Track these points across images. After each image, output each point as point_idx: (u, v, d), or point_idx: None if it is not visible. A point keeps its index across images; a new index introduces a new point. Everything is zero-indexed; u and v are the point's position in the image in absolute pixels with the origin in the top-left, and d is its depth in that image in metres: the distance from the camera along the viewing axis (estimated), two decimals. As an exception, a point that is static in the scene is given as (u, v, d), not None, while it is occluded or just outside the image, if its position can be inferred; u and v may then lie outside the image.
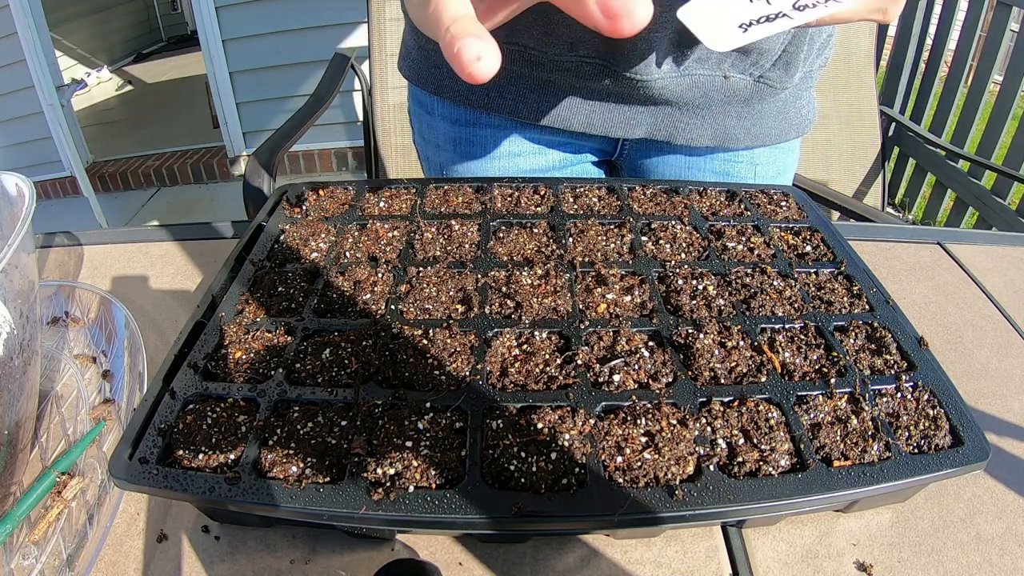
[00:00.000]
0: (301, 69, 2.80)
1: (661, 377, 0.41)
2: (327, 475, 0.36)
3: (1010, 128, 2.02)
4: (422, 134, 0.84)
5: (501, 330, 0.44)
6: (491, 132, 0.76)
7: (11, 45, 2.79)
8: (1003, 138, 2.04)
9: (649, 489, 0.35)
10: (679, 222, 0.57)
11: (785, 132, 0.75)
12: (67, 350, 0.54)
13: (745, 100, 0.69)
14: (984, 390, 0.50)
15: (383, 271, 0.50)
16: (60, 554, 0.38)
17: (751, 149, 0.76)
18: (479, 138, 0.76)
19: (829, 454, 0.37)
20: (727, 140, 0.72)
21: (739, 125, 0.72)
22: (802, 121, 0.76)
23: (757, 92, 0.68)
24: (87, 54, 4.20)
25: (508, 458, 0.36)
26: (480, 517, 0.33)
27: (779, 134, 0.75)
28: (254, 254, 0.53)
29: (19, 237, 0.40)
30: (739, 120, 0.71)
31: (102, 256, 0.67)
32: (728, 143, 0.73)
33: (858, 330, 0.45)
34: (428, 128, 0.81)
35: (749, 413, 0.39)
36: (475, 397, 0.39)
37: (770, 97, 0.70)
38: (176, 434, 0.38)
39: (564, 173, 0.79)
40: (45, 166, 3.15)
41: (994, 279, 0.63)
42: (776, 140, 0.75)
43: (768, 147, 0.76)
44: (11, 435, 0.41)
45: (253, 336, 0.45)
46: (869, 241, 0.69)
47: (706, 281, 0.49)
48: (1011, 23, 1.96)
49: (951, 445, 0.38)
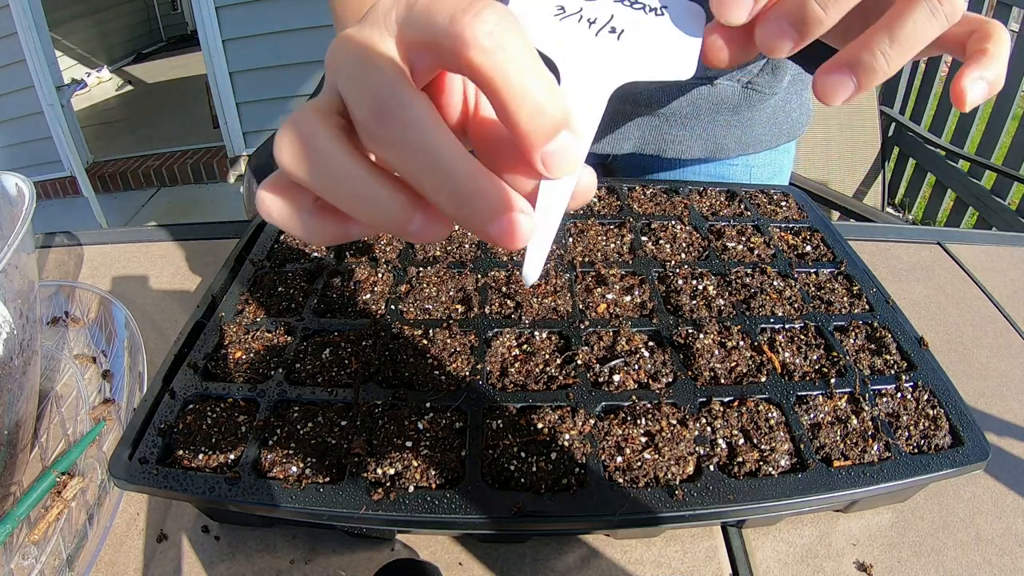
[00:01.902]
0: (301, 69, 2.80)
1: (661, 377, 0.41)
2: (327, 475, 0.36)
3: (1010, 128, 2.02)
4: None
5: (501, 330, 0.44)
6: None
7: (11, 45, 2.79)
8: (1003, 138, 2.04)
9: (649, 489, 0.35)
10: (679, 222, 0.57)
11: (776, 137, 0.74)
12: (67, 350, 0.54)
13: (734, 108, 0.68)
14: (984, 390, 0.50)
15: (383, 271, 0.50)
16: (60, 554, 0.38)
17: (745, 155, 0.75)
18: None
19: (829, 454, 0.37)
20: (717, 151, 0.71)
21: (729, 134, 0.71)
22: (793, 125, 0.75)
23: (746, 99, 0.67)
24: (87, 54, 4.20)
25: (508, 458, 0.36)
26: (480, 517, 0.33)
27: (770, 140, 0.74)
28: (254, 254, 0.53)
29: (19, 237, 0.40)
30: (729, 129, 0.70)
31: (102, 256, 0.67)
32: (719, 153, 0.72)
33: (858, 330, 0.45)
34: None
35: (749, 413, 0.39)
36: (475, 397, 0.39)
37: (759, 104, 0.68)
38: (176, 434, 0.38)
39: None
40: (45, 166, 3.15)
41: (994, 279, 0.63)
42: (768, 146, 0.74)
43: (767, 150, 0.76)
44: (11, 435, 0.41)
45: (253, 336, 0.45)
46: (869, 241, 0.69)
47: (706, 281, 0.49)
48: (1011, 23, 1.96)
49: (951, 445, 0.38)
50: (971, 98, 0.27)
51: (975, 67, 0.27)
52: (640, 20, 0.29)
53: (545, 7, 0.29)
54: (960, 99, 0.27)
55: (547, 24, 0.29)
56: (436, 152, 0.21)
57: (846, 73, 0.27)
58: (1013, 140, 1.99)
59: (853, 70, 0.27)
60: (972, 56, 0.27)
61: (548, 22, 0.29)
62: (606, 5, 0.30)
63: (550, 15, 0.29)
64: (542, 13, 0.29)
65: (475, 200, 0.21)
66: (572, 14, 0.29)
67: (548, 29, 0.29)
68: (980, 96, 0.27)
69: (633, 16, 0.29)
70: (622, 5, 0.30)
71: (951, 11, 0.25)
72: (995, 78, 0.27)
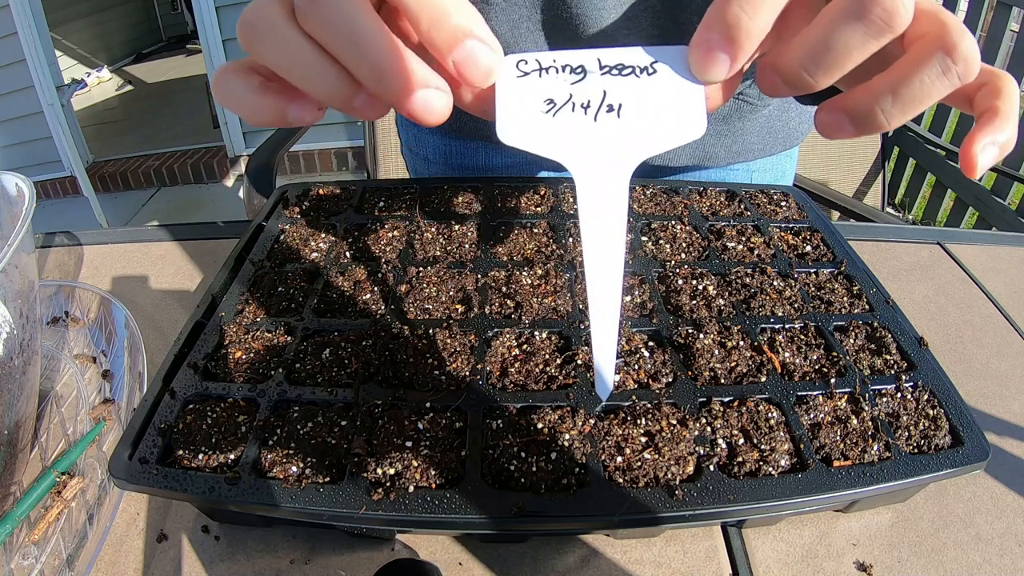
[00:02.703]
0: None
1: (661, 377, 0.41)
2: (327, 475, 0.36)
3: (1010, 128, 2.01)
4: (410, 146, 0.80)
5: (501, 330, 0.44)
6: (483, 144, 0.73)
7: (11, 45, 2.79)
8: (1003, 138, 2.04)
9: (649, 489, 0.35)
10: (679, 222, 0.57)
11: (770, 147, 0.72)
12: (67, 350, 0.54)
13: (724, 117, 0.66)
14: (984, 390, 0.50)
15: (383, 271, 0.50)
16: (60, 554, 0.38)
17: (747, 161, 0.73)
18: (471, 150, 0.74)
19: (829, 454, 0.37)
20: (706, 159, 0.70)
21: (719, 143, 0.69)
22: (791, 134, 0.72)
23: (736, 109, 0.65)
24: (87, 54, 4.20)
25: (508, 458, 0.36)
26: (480, 517, 0.33)
27: (763, 149, 0.72)
28: (254, 254, 0.53)
29: (19, 237, 0.40)
30: (719, 138, 0.68)
31: (102, 256, 0.67)
32: (708, 162, 0.70)
33: (858, 330, 0.45)
34: (416, 141, 0.78)
35: (749, 413, 0.39)
36: (475, 397, 0.39)
37: (751, 114, 0.66)
38: (176, 434, 0.38)
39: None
40: (45, 166, 3.15)
41: (994, 279, 0.63)
42: (760, 155, 0.72)
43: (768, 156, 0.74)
44: (11, 435, 0.41)
45: (253, 336, 0.45)
46: (869, 241, 0.69)
47: (706, 281, 0.49)
48: (1011, 23, 1.96)
49: (951, 445, 0.38)
50: (982, 164, 0.25)
51: (988, 130, 0.24)
52: (635, 87, 0.26)
53: (534, 104, 0.26)
54: (971, 167, 0.24)
55: (542, 124, 0.26)
56: (358, 31, 0.23)
57: (845, 118, 0.25)
58: (1013, 140, 1.98)
59: (851, 118, 0.25)
60: (983, 117, 0.25)
61: (541, 121, 0.26)
62: (595, 81, 0.26)
63: (541, 112, 0.26)
64: (533, 112, 0.26)
65: (391, 76, 0.24)
66: (564, 104, 0.26)
67: (544, 129, 0.26)
68: (991, 161, 0.25)
69: (626, 85, 0.26)
70: (611, 76, 0.26)
71: (965, 71, 0.23)
72: (1008, 140, 0.25)
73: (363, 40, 0.24)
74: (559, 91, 0.26)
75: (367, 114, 0.26)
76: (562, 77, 0.26)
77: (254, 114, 0.26)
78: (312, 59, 0.24)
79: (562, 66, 0.27)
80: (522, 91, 0.26)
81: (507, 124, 0.26)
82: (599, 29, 0.54)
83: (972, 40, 0.23)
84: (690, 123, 0.26)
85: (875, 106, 0.24)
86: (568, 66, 0.27)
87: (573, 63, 0.27)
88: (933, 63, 0.23)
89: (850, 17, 0.22)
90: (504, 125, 0.26)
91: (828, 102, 0.26)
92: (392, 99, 0.25)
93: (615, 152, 0.26)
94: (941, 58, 0.23)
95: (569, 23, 0.54)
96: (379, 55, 0.24)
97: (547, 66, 0.27)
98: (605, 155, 0.26)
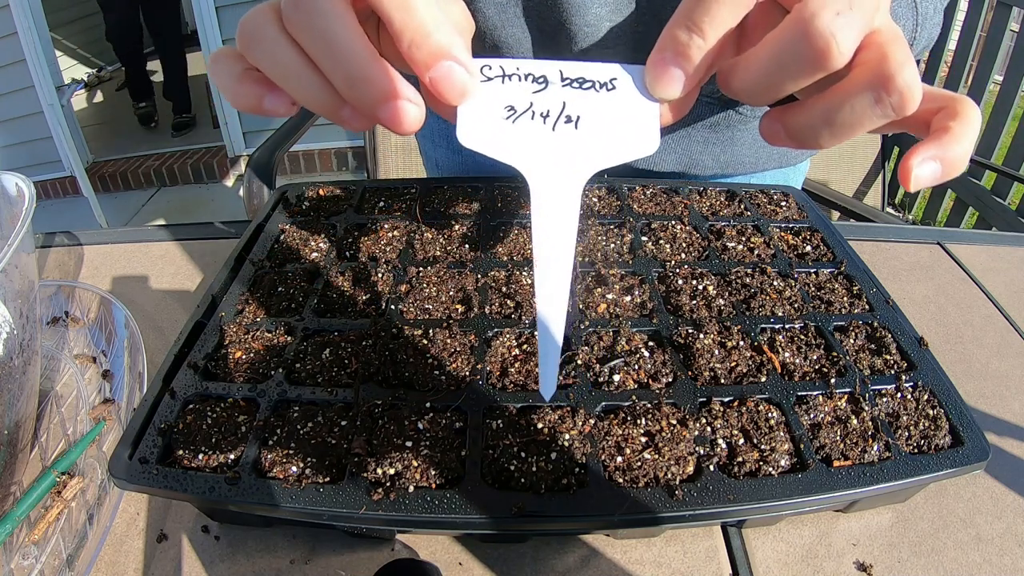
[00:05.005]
0: (301, 69, 2.80)
1: (661, 377, 0.41)
2: (327, 475, 0.36)
3: (1010, 128, 2.02)
4: (432, 138, 0.81)
5: (501, 330, 0.44)
6: None
7: (11, 45, 2.79)
8: (1003, 138, 2.04)
9: (649, 489, 0.35)
10: (679, 222, 0.57)
11: (763, 162, 0.69)
12: (67, 350, 0.54)
13: (711, 125, 0.64)
14: (984, 390, 0.50)
15: (383, 271, 0.50)
16: (60, 554, 0.38)
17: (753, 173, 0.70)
18: None
19: (829, 454, 0.37)
20: (692, 167, 0.67)
21: (706, 151, 0.66)
22: (786, 152, 0.68)
23: (725, 117, 0.63)
24: (87, 54, 4.19)
25: (508, 458, 0.36)
26: (480, 517, 0.33)
27: (755, 164, 0.68)
28: (254, 254, 0.53)
29: (19, 237, 0.40)
30: (706, 145, 0.66)
31: (102, 256, 0.67)
32: (694, 170, 0.68)
33: (858, 330, 0.45)
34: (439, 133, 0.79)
35: (749, 413, 0.39)
36: (475, 397, 0.39)
37: (741, 124, 0.64)
38: (176, 434, 0.38)
39: None
40: (45, 166, 3.15)
41: (994, 279, 0.63)
42: (753, 170, 0.69)
43: (772, 170, 0.71)
44: (11, 435, 0.41)
45: (253, 336, 0.45)
46: (869, 241, 0.69)
47: (706, 281, 0.49)
48: (1011, 23, 1.96)
49: (951, 445, 0.38)
50: (918, 177, 0.24)
51: (931, 145, 0.24)
52: (593, 101, 0.27)
53: (495, 111, 0.27)
54: (905, 179, 0.24)
55: (501, 130, 0.27)
56: (335, 39, 0.25)
57: (782, 131, 0.26)
58: (1013, 140, 1.99)
59: (787, 132, 0.26)
60: (932, 134, 0.24)
61: (501, 127, 0.27)
62: (556, 92, 0.27)
63: (501, 119, 0.27)
64: (494, 117, 0.27)
65: (364, 85, 0.25)
66: (523, 112, 0.27)
67: (503, 135, 0.27)
68: (929, 178, 0.24)
69: (585, 98, 0.27)
70: (571, 88, 0.27)
71: (900, 103, 0.22)
72: (955, 159, 0.24)
73: (338, 48, 0.25)
74: (520, 99, 0.27)
75: (353, 125, 0.27)
76: (524, 85, 0.27)
77: (234, 99, 0.27)
78: (296, 64, 0.25)
79: (525, 74, 0.27)
80: (484, 96, 0.27)
81: (468, 128, 0.27)
82: (584, 18, 0.54)
83: (913, 71, 0.22)
84: (643, 139, 0.27)
85: (808, 126, 0.25)
86: (531, 75, 0.27)
87: (536, 72, 0.28)
88: (865, 92, 0.23)
89: (788, 49, 0.23)
90: (465, 128, 0.27)
91: (773, 111, 0.26)
92: (364, 107, 0.26)
93: (570, 162, 0.27)
94: (875, 88, 0.22)
95: (555, 8, 0.54)
96: (353, 64, 0.25)
97: (510, 73, 0.27)
98: (560, 164, 0.27)
